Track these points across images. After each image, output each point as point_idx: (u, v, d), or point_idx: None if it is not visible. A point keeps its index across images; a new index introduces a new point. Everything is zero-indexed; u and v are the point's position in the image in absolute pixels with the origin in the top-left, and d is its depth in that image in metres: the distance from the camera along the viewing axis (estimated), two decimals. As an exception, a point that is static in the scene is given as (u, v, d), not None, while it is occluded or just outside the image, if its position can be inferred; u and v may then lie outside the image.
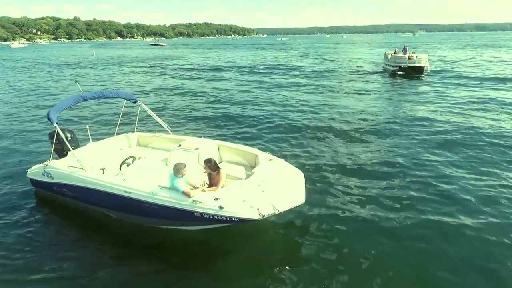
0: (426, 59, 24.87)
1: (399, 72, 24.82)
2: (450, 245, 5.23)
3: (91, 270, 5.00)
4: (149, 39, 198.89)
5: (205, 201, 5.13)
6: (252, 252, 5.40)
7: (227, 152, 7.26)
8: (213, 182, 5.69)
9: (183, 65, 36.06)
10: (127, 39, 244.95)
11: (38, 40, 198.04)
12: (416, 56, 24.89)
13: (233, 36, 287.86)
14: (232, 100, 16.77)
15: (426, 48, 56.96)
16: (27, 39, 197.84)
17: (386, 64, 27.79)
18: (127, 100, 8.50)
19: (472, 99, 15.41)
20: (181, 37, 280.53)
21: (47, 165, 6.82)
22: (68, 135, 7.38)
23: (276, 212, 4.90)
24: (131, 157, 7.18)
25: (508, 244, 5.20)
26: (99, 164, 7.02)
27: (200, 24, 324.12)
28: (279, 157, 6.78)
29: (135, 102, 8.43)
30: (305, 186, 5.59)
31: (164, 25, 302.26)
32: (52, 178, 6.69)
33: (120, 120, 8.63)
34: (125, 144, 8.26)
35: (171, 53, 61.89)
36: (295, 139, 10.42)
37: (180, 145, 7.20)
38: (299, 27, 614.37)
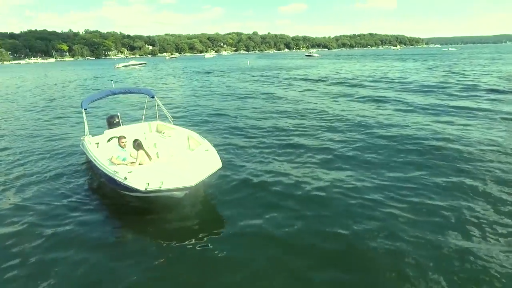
0: None
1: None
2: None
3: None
4: (313, 50, 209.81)
5: (120, 172, 6.09)
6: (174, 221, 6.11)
7: (193, 142, 8.22)
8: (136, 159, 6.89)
9: (291, 76, 37.22)
10: (293, 50, 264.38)
11: (223, 52, 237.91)
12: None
13: (398, 46, 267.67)
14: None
15: None
16: (216, 51, 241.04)
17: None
18: (147, 95, 9.96)
19: None
20: (343, 48, 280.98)
21: (83, 138, 8.62)
22: (116, 120, 9.51)
23: (161, 188, 5.57)
24: (115, 137, 8.39)
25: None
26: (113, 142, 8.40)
27: (364, 34, 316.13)
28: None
29: (152, 97, 9.80)
30: (212, 175, 6.27)
31: (329, 37, 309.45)
32: (84, 147, 8.43)
33: (145, 110, 10.29)
34: (147, 129, 9.67)
35: (308, 63, 63.59)
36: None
37: (164, 132, 8.91)
38: (482, 35, 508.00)
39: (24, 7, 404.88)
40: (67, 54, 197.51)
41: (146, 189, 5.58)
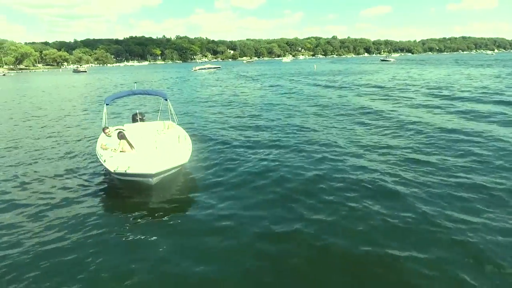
0: None
1: None
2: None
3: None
4: (394, 55, 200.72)
5: (104, 155, 7.11)
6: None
7: (181, 140, 8.91)
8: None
9: (340, 81, 37.37)
10: (373, 55, 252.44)
11: (300, 56, 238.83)
12: None
13: (495, 50, 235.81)
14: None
15: None
16: (293, 56, 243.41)
17: None
18: (161, 97, 10.96)
19: None
20: (429, 53, 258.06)
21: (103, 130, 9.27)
22: (140, 117, 10.84)
23: (126, 172, 6.32)
24: (120, 128, 9.13)
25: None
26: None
27: (455, 38, 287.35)
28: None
29: (166, 100, 10.66)
30: (173, 167, 6.82)
31: (414, 41, 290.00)
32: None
33: (161, 111, 11.40)
34: (161, 127, 10.36)
35: (375, 68, 61.69)
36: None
37: (165, 130, 10.02)
38: None
39: (128, 16, 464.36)
40: (159, 57, 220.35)
41: (114, 171, 6.33)
